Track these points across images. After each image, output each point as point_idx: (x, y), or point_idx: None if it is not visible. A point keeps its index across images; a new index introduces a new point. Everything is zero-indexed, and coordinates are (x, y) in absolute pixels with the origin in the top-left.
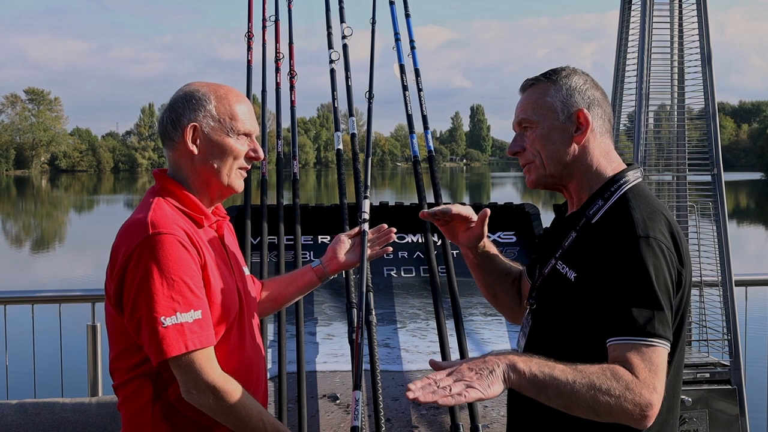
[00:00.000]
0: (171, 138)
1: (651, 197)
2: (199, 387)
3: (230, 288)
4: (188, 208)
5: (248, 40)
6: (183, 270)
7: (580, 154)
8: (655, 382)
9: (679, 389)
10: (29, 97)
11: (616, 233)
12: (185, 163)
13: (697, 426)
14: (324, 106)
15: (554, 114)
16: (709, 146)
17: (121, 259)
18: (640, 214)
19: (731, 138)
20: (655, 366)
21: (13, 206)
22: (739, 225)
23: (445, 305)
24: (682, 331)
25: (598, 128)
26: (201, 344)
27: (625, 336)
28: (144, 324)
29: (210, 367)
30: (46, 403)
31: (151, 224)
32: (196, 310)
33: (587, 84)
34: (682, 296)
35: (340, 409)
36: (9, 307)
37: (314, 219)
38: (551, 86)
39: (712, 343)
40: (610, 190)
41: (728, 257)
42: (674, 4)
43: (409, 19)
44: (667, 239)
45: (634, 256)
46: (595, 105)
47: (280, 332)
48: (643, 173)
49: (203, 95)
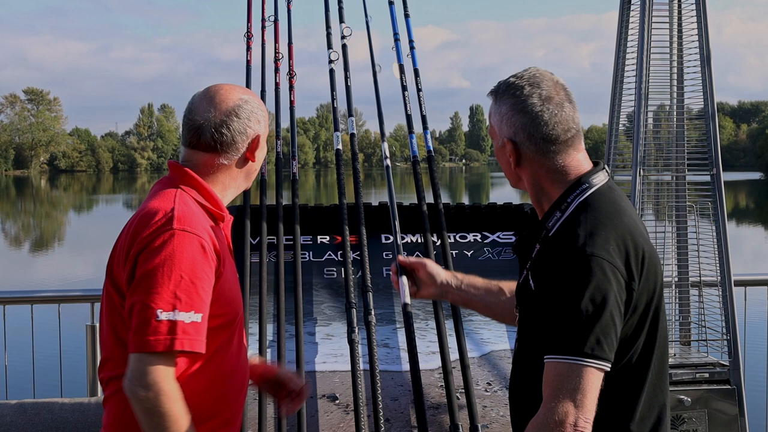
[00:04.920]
0: (236, 148)
1: (607, 205)
2: (149, 388)
3: (237, 291)
4: (210, 203)
5: (247, 41)
6: (196, 272)
7: (525, 176)
8: (569, 401)
9: (661, 398)
10: (28, 97)
11: (558, 249)
12: (235, 171)
13: (697, 426)
14: (323, 106)
15: (496, 138)
16: (708, 146)
17: (137, 245)
18: (584, 230)
19: (730, 138)
20: (574, 385)
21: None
22: (739, 225)
23: (445, 305)
24: (656, 342)
25: (533, 152)
26: (190, 347)
27: (552, 354)
28: (137, 310)
29: (172, 380)
30: (45, 403)
31: (178, 219)
32: (197, 312)
33: (516, 107)
34: (635, 309)
35: (339, 409)
36: (8, 307)
37: (313, 219)
38: (493, 106)
39: (712, 343)
40: (567, 201)
41: (727, 257)
42: (673, 5)
43: (409, 19)
44: (610, 254)
45: (568, 274)
46: (522, 131)
47: (280, 332)
48: (609, 173)
49: (260, 107)
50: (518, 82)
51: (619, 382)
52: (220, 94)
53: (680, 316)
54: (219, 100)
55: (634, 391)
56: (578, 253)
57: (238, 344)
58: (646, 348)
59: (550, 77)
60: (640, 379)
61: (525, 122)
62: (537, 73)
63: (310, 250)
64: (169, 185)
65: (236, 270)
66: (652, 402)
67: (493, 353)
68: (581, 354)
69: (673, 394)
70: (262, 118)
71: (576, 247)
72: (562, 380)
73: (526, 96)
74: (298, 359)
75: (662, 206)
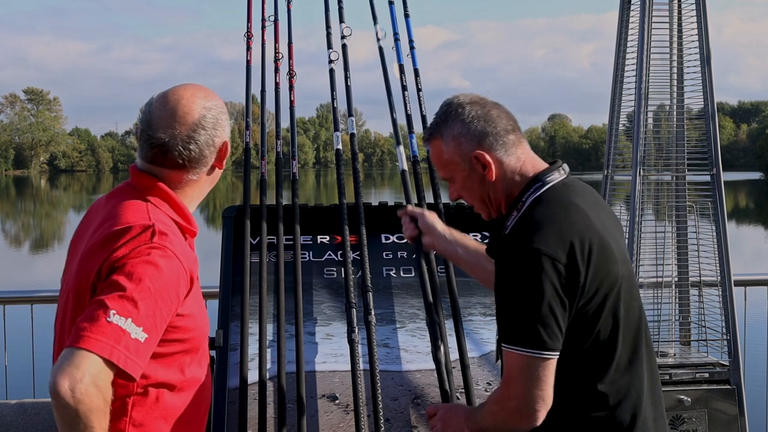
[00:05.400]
0: (205, 162)
1: (557, 201)
2: (75, 384)
3: (204, 308)
4: (182, 219)
5: (247, 41)
6: (164, 294)
7: (499, 183)
8: (517, 386)
9: (636, 386)
10: (28, 97)
11: (508, 246)
12: (203, 181)
13: (696, 426)
14: (323, 106)
15: (459, 166)
16: (708, 146)
17: (110, 262)
18: (530, 226)
19: (730, 138)
20: (514, 371)
21: (12, 206)
22: (738, 225)
23: (445, 305)
24: (619, 326)
25: (500, 153)
26: (125, 365)
27: (504, 343)
28: (92, 308)
29: (104, 384)
30: (45, 403)
31: (159, 234)
32: (145, 332)
33: (468, 121)
34: (591, 296)
35: (339, 409)
36: (8, 307)
37: (313, 219)
38: (441, 142)
39: (712, 343)
40: (522, 200)
41: (727, 257)
42: (673, 5)
43: (409, 19)
44: (551, 248)
45: (513, 269)
46: (485, 136)
47: (279, 332)
48: (566, 171)
49: (221, 109)
50: (452, 108)
51: (589, 357)
52: (182, 105)
53: (680, 316)
54: (182, 113)
55: (603, 364)
56: (522, 248)
57: (204, 358)
58: (612, 331)
59: (465, 94)
60: (609, 356)
61: (481, 125)
62: (454, 98)
63: (310, 250)
64: (136, 196)
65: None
66: (623, 383)
67: (493, 353)
68: (525, 345)
69: (673, 394)
70: (226, 123)
71: (521, 243)
72: (513, 367)
73: (467, 110)
74: (298, 359)
75: (662, 206)
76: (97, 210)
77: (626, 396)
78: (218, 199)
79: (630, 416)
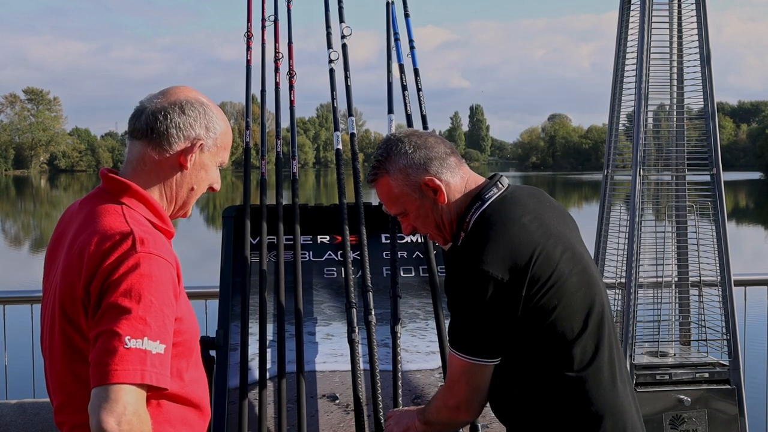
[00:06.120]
0: (168, 141)
1: (495, 218)
2: (121, 419)
3: (192, 309)
4: (159, 221)
5: (247, 41)
6: (165, 300)
7: (451, 205)
8: (459, 387)
9: (591, 381)
10: (28, 97)
11: (452, 264)
12: (166, 172)
13: (696, 426)
14: (323, 106)
15: (410, 197)
16: (708, 146)
17: (100, 275)
18: (471, 246)
19: (730, 138)
20: (457, 374)
21: (12, 206)
22: (738, 225)
23: (445, 305)
24: (575, 323)
25: (446, 176)
26: (157, 382)
27: (451, 347)
28: (102, 339)
29: (143, 410)
30: (45, 403)
31: (141, 241)
32: (162, 343)
33: (411, 152)
34: (539, 291)
35: (339, 409)
36: (8, 307)
37: (313, 219)
38: (389, 178)
39: (711, 343)
40: (466, 220)
41: (727, 257)
42: (673, 5)
43: (409, 19)
44: (490, 265)
45: (457, 286)
46: (429, 162)
47: (280, 332)
48: (503, 183)
49: (215, 116)
50: (391, 144)
51: (551, 351)
52: (177, 89)
53: (680, 316)
54: (171, 93)
55: (566, 356)
56: (466, 268)
57: (197, 372)
58: (569, 323)
59: (401, 130)
60: (569, 348)
61: (424, 153)
62: (391, 135)
63: (310, 250)
64: (109, 200)
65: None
66: (590, 372)
67: None
68: (468, 352)
69: (673, 394)
70: (213, 130)
71: (466, 262)
72: (456, 370)
73: (406, 142)
74: (299, 359)
75: (662, 206)
76: (72, 217)
77: (597, 382)
78: (218, 199)
79: (600, 398)
